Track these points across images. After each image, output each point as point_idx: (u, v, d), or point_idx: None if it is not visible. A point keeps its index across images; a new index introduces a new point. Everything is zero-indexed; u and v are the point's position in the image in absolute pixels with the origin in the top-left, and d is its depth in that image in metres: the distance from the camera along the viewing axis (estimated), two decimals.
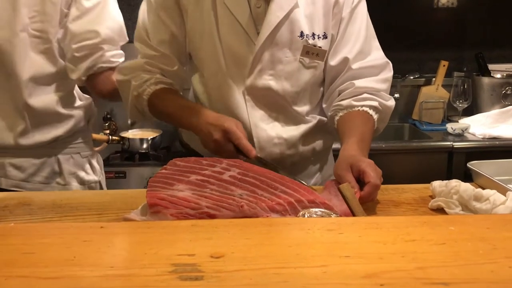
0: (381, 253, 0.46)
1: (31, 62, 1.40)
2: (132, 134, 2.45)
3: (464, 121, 2.31)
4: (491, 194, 0.99)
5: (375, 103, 1.21)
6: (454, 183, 1.04)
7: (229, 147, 1.13)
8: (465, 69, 2.63)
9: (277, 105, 1.26)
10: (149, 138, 2.37)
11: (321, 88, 1.32)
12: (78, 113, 1.51)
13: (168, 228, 0.53)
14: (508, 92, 2.31)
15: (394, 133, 2.55)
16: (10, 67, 1.40)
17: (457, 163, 2.05)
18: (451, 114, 2.53)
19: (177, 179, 1.00)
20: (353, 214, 0.84)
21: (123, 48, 1.50)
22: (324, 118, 1.32)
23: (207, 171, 1.03)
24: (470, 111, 2.43)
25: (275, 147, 1.27)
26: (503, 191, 1.00)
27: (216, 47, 1.23)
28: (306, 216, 0.78)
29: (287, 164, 1.29)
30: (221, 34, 1.22)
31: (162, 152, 2.46)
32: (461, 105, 2.43)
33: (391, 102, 1.26)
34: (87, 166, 1.58)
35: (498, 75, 2.46)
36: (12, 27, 1.38)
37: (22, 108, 1.42)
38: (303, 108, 1.29)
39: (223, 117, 1.17)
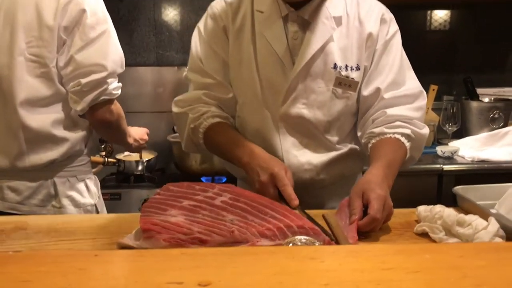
0: (359, 281, 0.49)
1: (27, 85, 1.43)
2: (128, 156, 2.48)
3: (454, 144, 2.35)
4: (474, 219, 1.02)
5: (407, 131, 1.24)
6: (438, 208, 1.07)
7: (273, 191, 1.14)
8: (454, 92, 2.69)
9: (309, 133, 1.30)
10: (144, 160, 2.40)
11: (354, 118, 1.35)
12: (74, 136, 1.53)
13: (159, 257, 0.56)
14: (496, 116, 2.36)
15: None
16: (8, 91, 1.43)
17: (447, 185, 2.09)
18: (441, 137, 2.58)
19: (170, 204, 1.03)
20: (337, 242, 0.87)
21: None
22: (356, 146, 1.35)
23: (199, 196, 1.07)
24: (459, 134, 2.48)
25: (305, 173, 1.30)
26: (485, 216, 1.04)
27: (253, 76, 1.28)
28: (290, 245, 0.81)
29: (316, 187, 1.32)
30: (259, 64, 1.28)
31: (157, 174, 2.49)
32: (450, 128, 2.47)
33: (425, 130, 1.29)
34: (83, 189, 1.60)
35: (486, 99, 2.52)
36: (10, 52, 1.42)
37: (17, 130, 1.45)
38: (334, 137, 1.32)
39: (274, 161, 1.19)
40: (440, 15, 2.75)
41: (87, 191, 1.61)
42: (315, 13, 1.25)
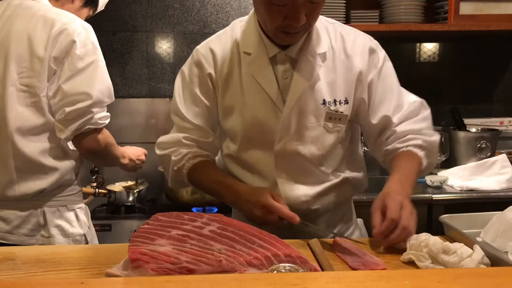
0: None
1: (18, 114, 1.45)
2: (119, 187, 2.48)
3: (443, 174, 2.38)
4: (459, 247, 1.04)
5: (418, 142, 1.30)
6: (424, 236, 1.08)
7: (273, 218, 1.19)
8: (443, 123, 2.73)
9: (303, 167, 1.34)
10: (135, 191, 2.40)
11: (344, 147, 1.39)
12: (63, 166, 1.54)
13: (144, 284, 0.57)
14: (483, 145, 2.40)
15: (376, 185, 2.60)
16: (0, 120, 1.45)
17: (436, 214, 2.09)
18: None
19: (159, 234, 1.03)
20: (321, 268, 0.88)
21: (111, 104, 1.57)
22: (347, 175, 1.39)
23: (188, 225, 1.07)
24: (448, 164, 2.51)
25: (302, 204, 1.34)
26: (471, 244, 1.05)
27: (245, 118, 1.31)
28: (275, 272, 0.82)
29: (312, 216, 1.35)
30: (250, 106, 1.30)
31: (147, 205, 2.48)
32: (439, 158, 2.50)
33: (435, 137, 1.35)
34: (73, 219, 1.60)
35: (473, 129, 2.56)
36: (3, 82, 1.45)
37: (8, 159, 1.46)
38: (328, 169, 1.36)
39: (258, 192, 1.23)
40: (429, 47, 2.82)
41: (77, 220, 1.61)
42: (301, 52, 1.28)
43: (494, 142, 2.43)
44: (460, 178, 2.29)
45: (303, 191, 1.34)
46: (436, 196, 2.18)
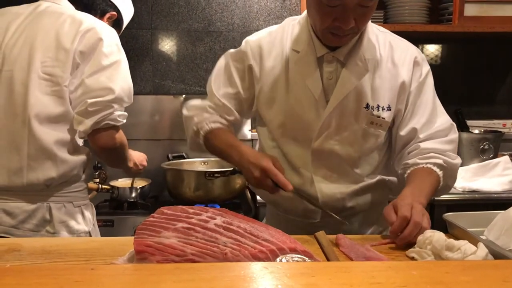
0: None
1: (37, 101, 1.47)
2: (122, 183, 2.48)
3: None
4: (463, 244, 1.04)
5: (439, 161, 1.30)
6: (429, 233, 1.09)
7: (268, 183, 1.24)
8: None
9: (339, 167, 1.37)
10: (138, 187, 2.40)
11: (381, 153, 1.41)
12: (73, 160, 1.55)
13: (154, 271, 0.57)
14: (486, 147, 2.40)
15: None
16: (20, 105, 1.47)
17: (439, 215, 2.09)
18: None
19: (164, 227, 1.04)
20: (328, 260, 0.88)
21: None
22: (384, 177, 1.41)
23: (193, 219, 1.08)
24: None
25: (338, 202, 1.37)
26: (475, 241, 1.05)
27: (286, 111, 1.35)
28: (283, 261, 0.82)
29: (346, 214, 1.38)
30: (293, 101, 1.34)
31: (150, 201, 2.49)
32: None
33: (457, 161, 1.35)
34: (78, 216, 1.60)
35: (476, 131, 2.56)
36: (27, 70, 1.47)
37: (21, 144, 1.47)
38: (363, 171, 1.39)
39: (261, 156, 1.28)
40: (431, 50, 2.83)
41: (82, 217, 1.62)
42: (350, 55, 1.31)
43: (497, 144, 2.43)
44: (463, 179, 2.29)
45: (338, 188, 1.37)
46: (438, 198, 2.18)
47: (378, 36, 1.36)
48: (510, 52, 2.84)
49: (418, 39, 2.77)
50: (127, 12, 1.87)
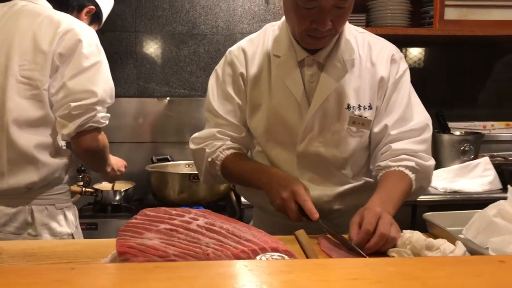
0: None
1: (16, 105, 1.46)
2: (106, 186, 2.47)
3: None
4: (442, 243, 1.06)
5: (411, 163, 1.29)
6: (408, 234, 1.11)
7: (294, 206, 1.20)
8: None
9: (325, 169, 1.37)
10: (122, 190, 2.39)
11: (366, 153, 1.41)
12: (55, 163, 1.54)
13: (134, 270, 0.58)
14: (467, 148, 2.44)
15: None
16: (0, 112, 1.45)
17: (420, 215, 2.12)
18: None
19: (147, 228, 1.04)
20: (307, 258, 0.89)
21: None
22: (370, 179, 1.42)
23: (175, 220, 1.08)
24: (434, 166, 2.54)
25: (325, 204, 1.36)
26: (453, 240, 1.08)
27: (269, 117, 1.36)
28: (263, 259, 0.83)
29: (334, 217, 1.38)
30: (276, 106, 1.35)
31: (134, 204, 2.48)
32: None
33: (430, 162, 1.34)
34: (61, 218, 1.59)
35: (457, 133, 2.61)
36: (4, 74, 1.45)
37: (1, 150, 1.46)
38: (349, 172, 1.39)
39: (292, 179, 1.27)
40: (414, 53, 2.87)
41: (65, 220, 1.61)
42: (329, 57, 1.32)
43: (477, 145, 2.47)
44: (444, 180, 2.33)
45: (324, 191, 1.37)
46: (420, 198, 2.21)
47: (356, 37, 1.37)
48: (490, 56, 2.89)
49: (400, 42, 2.79)
50: (106, 4, 1.85)
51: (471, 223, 1.16)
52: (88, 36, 1.52)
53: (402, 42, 2.81)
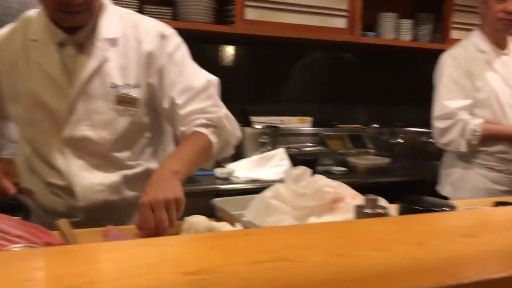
0: (64, 275, 0.50)
1: None
2: None
3: (231, 166, 2.55)
4: (223, 225, 1.14)
5: (202, 121, 1.28)
6: (194, 218, 1.16)
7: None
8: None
9: (96, 153, 1.30)
10: None
11: (145, 134, 1.37)
12: None
13: None
14: (265, 140, 2.64)
15: None
16: None
17: None
18: (222, 160, 2.76)
19: None
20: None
21: None
22: (152, 167, 1.36)
23: None
24: (236, 157, 2.69)
25: (98, 194, 1.29)
26: (234, 222, 1.15)
27: (32, 105, 1.27)
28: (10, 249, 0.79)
29: (113, 210, 1.31)
30: (37, 91, 1.26)
31: None
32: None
33: (221, 112, 1.33)
34: None
35: (258, 126, 2.80)
36: None
37: None
38: (123, 154, 1.33)
39: None
40: (221, 50, 2.99)
41: None
42: (90, 37, 1.28)
43: (275, 138, 2.69)
44: (246, 170, 2.49)
45: (97, 179, 1.30)
46: (223, 187, 2.33)
47: (122, 17, 1.36)
48: (290, 56, 3.17)
49: (206, 39, 2.90)
50: None
51: (251, 205, 1.26)
52: None
53: (207, 39, 2.91)
